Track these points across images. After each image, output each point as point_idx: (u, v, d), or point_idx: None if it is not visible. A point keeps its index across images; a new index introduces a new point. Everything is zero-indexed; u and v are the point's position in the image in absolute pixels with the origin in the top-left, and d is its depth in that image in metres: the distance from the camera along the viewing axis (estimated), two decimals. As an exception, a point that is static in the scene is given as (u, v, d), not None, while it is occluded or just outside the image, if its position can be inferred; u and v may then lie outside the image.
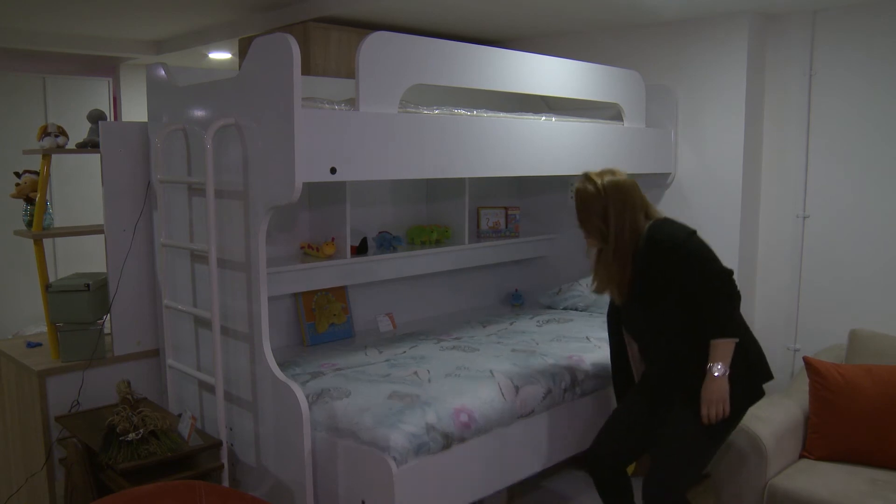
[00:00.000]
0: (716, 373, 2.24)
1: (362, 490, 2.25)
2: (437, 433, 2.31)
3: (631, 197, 2.36)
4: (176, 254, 2.77)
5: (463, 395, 2.50)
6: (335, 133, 2.21)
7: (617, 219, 2.34)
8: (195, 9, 3.81)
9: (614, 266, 2.36)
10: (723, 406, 2.26)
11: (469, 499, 2.45)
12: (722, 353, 2.25)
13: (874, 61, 3.18)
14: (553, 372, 2.81)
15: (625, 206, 2.34)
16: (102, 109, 3.30)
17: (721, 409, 2.26)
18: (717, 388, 2.24)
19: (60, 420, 2.70)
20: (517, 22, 3.73)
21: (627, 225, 2.34)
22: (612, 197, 2.34)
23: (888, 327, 3.13)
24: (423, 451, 2.26)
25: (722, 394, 2.25)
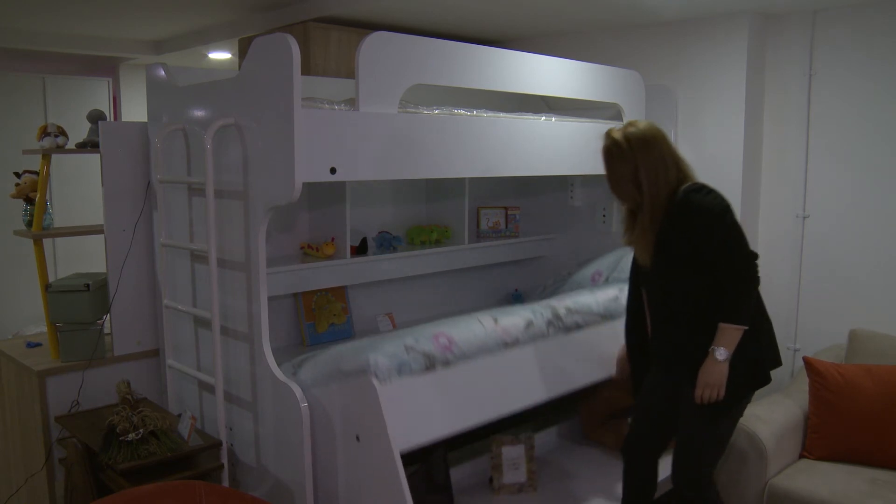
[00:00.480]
0: (718, 357, 2.18)
1: (354, 424, 2.24)
2: (416, 353, 2.31)
3: (661, 152, 2.23)
4: (176, 254, 2.77)
5: (440, 326, 2.52)
6: (335, 133, 2.21)
7: (650, 181, 2.22)
8: (195, 9, 3.81)
9: (650, 232, 2.25)
10: (717, 391, 2.20)
11: (461, 425, 2.42)
12: (728, 339, 2.18)
13: (874, 61, 3.18)
14: (533, 308, 2.80)
15: (657, 165, 2.22)
16: (102, 109, 3.30)
17: (715, 393, 2.21)
18: (716, 371, 2.19)
19: (60, 420, 2.70)
20: (517, 22, 3.73)
21: (661, 185, 2.22)
22: (641, 157, 2.22)
23: (888, 327, 3.14)
24: (406, 371, 2.26)
25: (719, 378, 2.19)
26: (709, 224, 2.18)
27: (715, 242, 2.18)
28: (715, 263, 2.19)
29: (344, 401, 2.26)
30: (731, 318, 2.18)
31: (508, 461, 2.90)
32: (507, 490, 2.89)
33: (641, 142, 2.24)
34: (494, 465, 2.91)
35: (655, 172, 2.23)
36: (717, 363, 2.19)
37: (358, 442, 2.22)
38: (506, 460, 2.89)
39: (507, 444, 2.91)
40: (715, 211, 2.19)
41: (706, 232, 2.18)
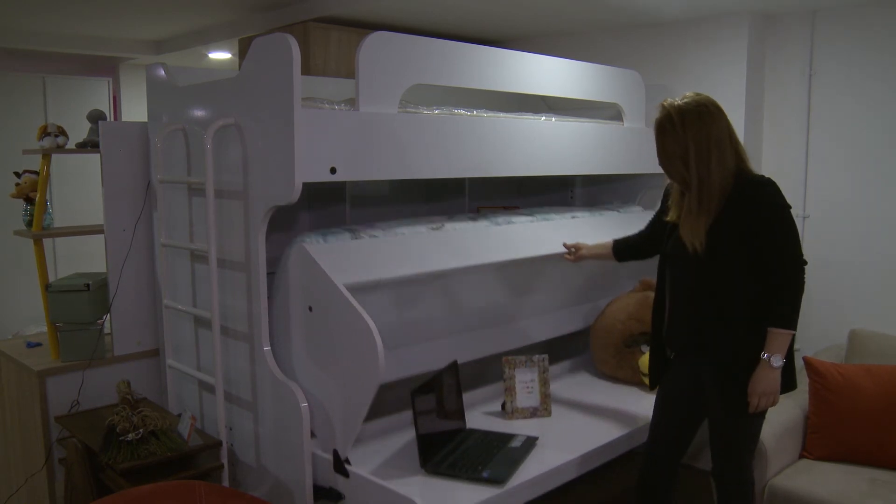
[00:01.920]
0: (774, 364, 2.11)
1: (308, 298, 2.30)
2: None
3: (717, 131, 2.13)
4: (176, 254, 2.77)
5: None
6: (335, 133, 2.21)
7: (699, 161, 2.12)
8: (195, 9, 3.81)
9: (701, 215, 2.16)
10: (773, 398, 2.15)
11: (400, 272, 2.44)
12: (781, 344, 2.11)
13: (874, 61, 3.18)
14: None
15: (709, 145, 2.12)
16: (102, 109, 3.30)
17: (771, 401, 2.16)
18: (771, 379, 2.13)
19: (60, 420, 2.70)
20: (517, 22, 3.73)
21: (714, 167, 2.12)
22: (693, 134, 2.12)
23: (888, 327, 3.14)
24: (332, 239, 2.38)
25: (774, 385, 2.14)
26: (774, 224, 2.12)
27: (776, 243, 2.12)
28: (770, 264, 2.12)
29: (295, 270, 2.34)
30: (784, 324, 2.11)
31: (522, 384, 2.83)
32: (520, 414, 2.81)
33: (696, 117, 2.13)
34: (507, 388, 2.83)
35: (708, 152, 2.13)
36: (773, 370, 2.13)
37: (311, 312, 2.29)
38: (519, 383, 2.82)
39: (520, 366, 2.84)
40: (784, 212, 2.14)
41: (770, 231, 2.12)
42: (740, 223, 2.13)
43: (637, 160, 3.37)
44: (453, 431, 2.58)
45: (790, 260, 2.12)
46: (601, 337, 3.21)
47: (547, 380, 2.86)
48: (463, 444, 2.51)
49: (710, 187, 2.14)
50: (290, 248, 2.36)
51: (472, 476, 2.28)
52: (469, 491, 2.22)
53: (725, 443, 2.31)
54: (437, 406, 2.50)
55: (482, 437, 2.58)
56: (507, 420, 2.80)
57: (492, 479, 2.26)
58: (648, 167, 3.47)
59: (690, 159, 2.13)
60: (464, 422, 2.68)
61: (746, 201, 2.13)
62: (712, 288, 2.21)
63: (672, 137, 2.16)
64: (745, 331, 2.17)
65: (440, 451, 2.43)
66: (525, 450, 2.49)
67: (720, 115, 2.16)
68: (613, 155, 3.21)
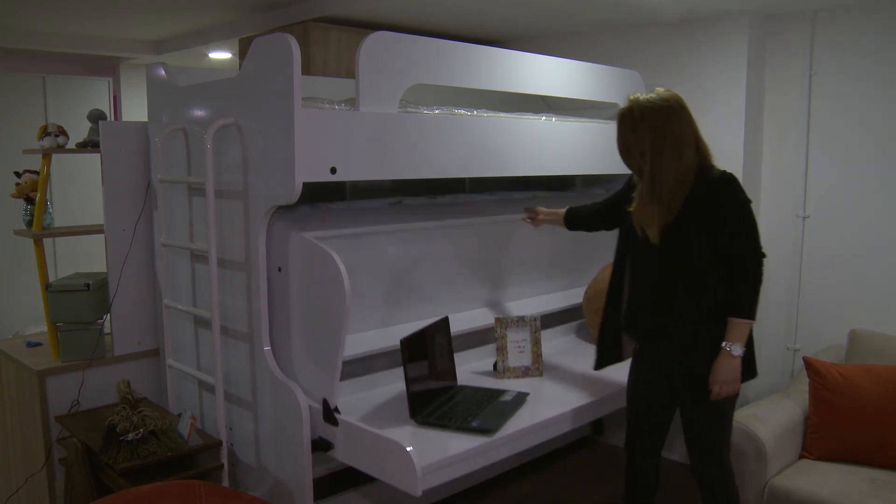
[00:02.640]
0: (735, 352, 2.19)
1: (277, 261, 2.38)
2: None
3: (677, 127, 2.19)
4: (176, 253, 2.77)
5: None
6: (335, 133, 2.21)
7: (654, 154, 2.20)
8: (195, 9, 3.81)
9: (652, 206, 2.23)
10: (734, 386, 2.23)
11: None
12: (741, 333, 2.20)
13: (874, 61, 3.18)
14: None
15: (666, 140, 2.19)
16: (102, 109, 3.30)
17: (732, 389, 2.23)
18: (733, 368, 2.21)
19: (60, 420, 2.70)
20: (517, 22, 3.73)
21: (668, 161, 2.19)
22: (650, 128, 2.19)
23: (888, 327, 3.14)
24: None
25: (735, 374, 2.21)
26: (735, 218, 2.21)
27: (737, 236, 2.20)
28: (730, 257, 2.20)
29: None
30: (744, 313, 2.19)
31: (513, 344, 2.85)
32: (512, 373, 2.83)
33: (656, 111, 2.20)
34: (499, 348, 2.85)
35: (662, 146, 2.19)
36: (733, 359, 2.20)
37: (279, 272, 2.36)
38: (511, 343, 2.83)
39: (511, 326, 2.86)
40: (744, 206, 2.23)
41: (730, 225, 2.20)
42: (702, 217, 2.21)
43: (637, 160, 3.36)
44: (444, 388, 2.61)
45: (750, 252, 2.21)
46: (594, 301, 3.21)
47: (539, 339, 2.87)
48: (453, 399, 2.54)
49: (662, 179, 2.21)
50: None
51: (461, 426, 2.30)
52: (458, 440, 2.25)
53: (697, 435, 2.36)
54: (427, 360, 2.53)
55: (472, 392, 2.61)
56: (499, 379, 2.81)
57: (481, 428, 2.28)
58: (648, 167, 3.47)
59: (646, 152, 2.21)
60: (455, 380, 2.70)
61: (708, 196, 2.21)
62: (674, 278, 2.27)
63: (630, 129, 2.25)
64: (706, 321, 2.24)
65: (430, 405, 2.45)
66: (515, 404, 2.52)
67: (683, 112, 2.23)
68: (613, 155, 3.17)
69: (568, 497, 3.29)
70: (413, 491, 2.00)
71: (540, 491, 3.34)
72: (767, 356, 3.61)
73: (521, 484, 3.39)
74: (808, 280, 3.45)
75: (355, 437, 2.18)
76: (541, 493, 3.32)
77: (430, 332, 2.56)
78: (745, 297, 2.19)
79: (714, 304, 2.23)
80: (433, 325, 2.60)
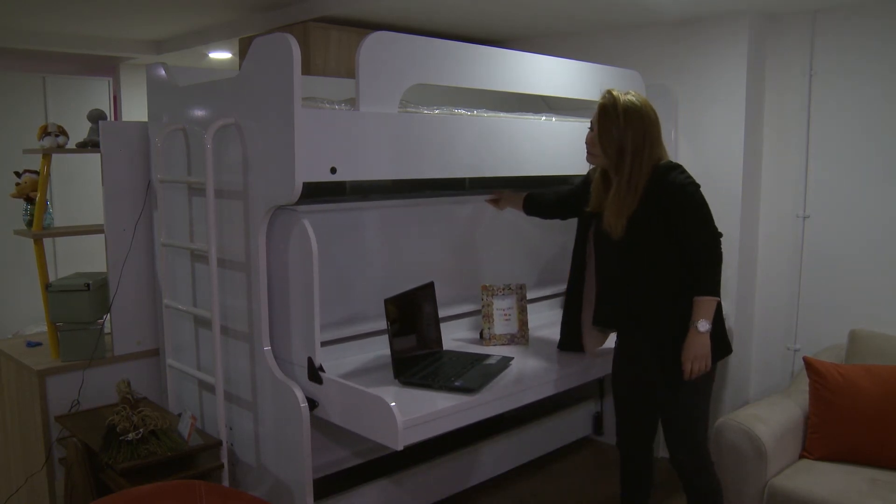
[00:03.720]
0: (701, 328, 2.27)
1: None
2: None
3: (651, 129, 2.33)
4: (176, 253, 2.77)
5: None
6: (335, 133, 2.21)
7: (635, 150, 2.31)
8: (195, 9, 3.81)
9: (628, 199, 2.32)
10: (705, 362, 2.29)
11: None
12: (707, 310, 2.28)
13: (874, 61, 3.18)
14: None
15: (645, 144, 2.31)
16: (102, 109, 3.30)
17: (703, 365, 2.29)
18: (700, 343, 2.28)
19: (60, 420, 2.70)
20: (517, 22, 3.73)
21: (645, 158, 2.31)
22: (633, 125, 2.31)
23: (888, 327, 3.13)
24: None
25: (704, 349, 2.28)
26: (686, 202, 2.29)
27: (691, 220, 2.30)
28: (687, 238, 2.30)
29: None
30: (707, 291, 2.29)
31: (499, 311, 2.88)
32: (497, 340, 2.86)
33: (637, 113, 2.32)
34: (485, 315, 2.87)
35: (641, 145, 2.31)
36: (700, 335, 2.28)
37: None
38: (496, 310, 2.86)
39: (497, 293, 2.88)
40: (693, 190, 2.31)
41: (683, 209, 2.30)
42: (657, 207, 2.31)
43: (637, 160, 3.36)
44: (429, 353, 2.64)
45: (706, 233, 2.30)
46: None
47: (525, 307, 2.89)
48: (438, 362, 2.57)
49: (639, 178, 2.32)
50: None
51: (444, 385, 2.34)
52: (441, 398, 2.28)
53: (673, 421, 2.42)
54: (413, 325, 2.56)
55: (457, 356, 2.65)
56: (485, 346, 2.84)
57: (464, 387, 2.32)
58: (648, 167, 3.47)
59: (626, 152, 2.31)
60: (441, 346, 2.74)
61: (660, 186, 2.31)
62: (639, 269, 2.37)
63: (615, 125, 2.32)
64: (671, 306, 2.33)
65: (414, 367, 2.49)
66: (500, 367, 2.56)
67: (657, 119, 2.38)
68: (613, 155, 3.20)
69: (568, 497, 3.29)
70: (395, 445, 2.05)
71: (540, 491, 3.34)
72: (767, 356, 3.61)
73: (521, 484, 3.40)
74: (808, 280, 3.45)
75: (339, 394, 2.23)
76: (541, 493, 3.32)
77: (415, 295, 2.60)
78: (705, 276, 2.29)
79: (677, 288, 2.32)
80: (418, 289, 2.63)
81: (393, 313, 2.42)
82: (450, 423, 2.22)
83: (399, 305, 2.47)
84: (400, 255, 2.90)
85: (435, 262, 2.98)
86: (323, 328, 2.41)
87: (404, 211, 2.96)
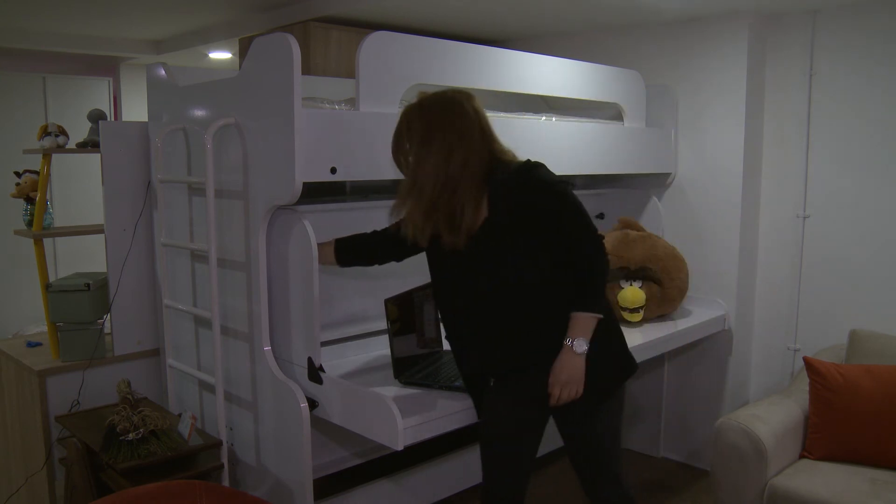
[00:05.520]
0: (577, 349, 1.93)
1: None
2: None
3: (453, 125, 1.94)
4: (176, 253, 2.77)
5: None
6: (335, 133, 2.21)
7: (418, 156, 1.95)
8: (195, 9, 3.81)
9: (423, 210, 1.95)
10: (576, 388, 1.96)
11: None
12: (584, 328, 1.94)
13: (874, 61, 3.18)
14: None
15: (435, 139, 1.94)
16: (102, 109, 3.30)
17: (574, 391, 1.96)
18: (574, 365, 1.94)
19: (60, 420, 2.70)
20: (517, 22, 3.73)
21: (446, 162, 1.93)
22: (415, 128, 1.97)
23: (888, 327, 3.14)
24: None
25: (577, 373, 1.94)
26: (558, 197, 1.96)
27: (567, 220, 1.96)
28: (564, 247, 1.96)
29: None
30: (587, 307, 1.96)
31: None
32: None
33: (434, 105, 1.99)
34: None
35: (428, 147, 1.95)
36: (576, 356, 1.94)
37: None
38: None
39: None
40: (561, 183, 1.99)
41: (555, 208, 1.95)
42: (524, 212, 1.97)
43: (637, 160, 3.37)
44: (429, 353, 2.64)
45: (589, 240, 1.98)
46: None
47: None
48: (438, 362, 2.57)
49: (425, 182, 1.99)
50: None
51: (444, 385, 2.34)
52: (441, 398, 2.27)
53: (584, 457, 2.15)
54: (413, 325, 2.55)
55: None
56: None
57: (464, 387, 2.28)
58: (649, 167, 3.48)
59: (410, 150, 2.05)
60: (441, 346, 2.72)
61: (520, 185, 1.98)
62: (509, 287, 1.99)
63: (400, 120, 2.05)
64: (551, 327, 1.99)
65: (415, 367, 2.49)
66: None
67: (460, 109, 2.03)
68: (614, 155, 3.21)
69: (568, 497, 3.29)
70: (395, 445, 2.04)
71: (540, 491, 3.34)
72: (767, 356, 3.61)
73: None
74: (808, 280, 3.45)
75: (339, 394, 2.23)
76: (540, 493, 3.32)
77: (415, 295, 2.59)
78: (587, 288, 1.96)
79: (548, 303, 1.98)
80: (418, 289, 2.62)
81: (393, 313, 2.41)
82: (450, 423, 2.21)
83: (399, 305, 2.47)
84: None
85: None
86: (323, 328, 2.41)
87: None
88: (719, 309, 3.44)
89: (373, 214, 2.81)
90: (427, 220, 1.98)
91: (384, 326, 2.50)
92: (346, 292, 2.77)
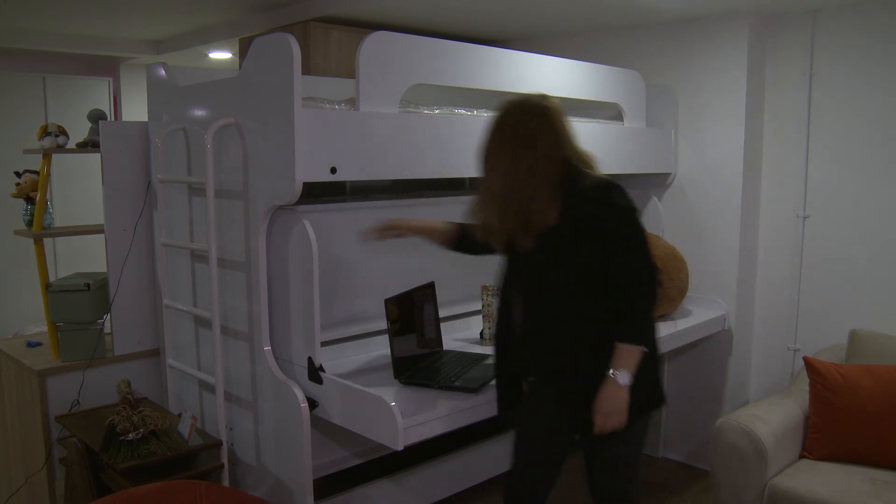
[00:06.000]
0: (621, 381, 1.95)
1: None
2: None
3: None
4: (176, 253, 2.77)
5: None
6: (335, 133, 2.21)
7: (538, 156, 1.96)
8: (195, 9, 3.81)
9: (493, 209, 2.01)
10: (619, 419, 1.98)
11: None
12: (628, 360, 1.95)
13: (874, 61, 3.18)
14: None
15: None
16: (102, 109, 3.30)
17: (617, 422, 1.99)
18: (618, 398, 1.96)
19: (60, 420, 2.70)
20: (517, 22, 3.73)
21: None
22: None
23: (888, 327, 3.14)
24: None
25: (621, 405, 1.97)
26: (623, 230, 1.98)
27: (624, 250, 1.97)
28: (619, 271, 1.97)
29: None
30: (630, 337, 1.97)
31: None
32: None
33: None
34: (486, 315, 2.87)
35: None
36: (619, 388, 1.96)
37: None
38: (497, 310, 2.83)
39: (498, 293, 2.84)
40: (631, 216, 1.99)
41: (618, 238, 1.98)
42: (583, 226, 2.00)
43: (637, 160, 3.37)
44: (429, 353, 2.65)
45: (643, 268, 1.99)
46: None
47: None
48: (438, 362, 2.58)
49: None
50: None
51: (444, 384, 2.34)
52: (441, 398, 2.27)
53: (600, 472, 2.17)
54: (413, 324, 2.56)
55: (457, 356, 2.65)
56: (485, 346, 2.84)
57: (464, 387, 2.31)
58: (649, 167, 3.48)
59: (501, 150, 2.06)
60: (441, 346, 2.74)
61: (584, 200, 2.00)
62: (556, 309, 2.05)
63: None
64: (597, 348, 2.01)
65: (415, 366, 2.49)
66: None
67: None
68: (614, 155, 3.21)
69: (567, 497, 3.29)
70: (395, 445, 2.04)
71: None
72: (767, 356, 3.61)
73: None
74: (808, 280, 3.45)
75: (339, 394, 2.23)
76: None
77: (415, 295, 2.59)
78: (635, 317, 1.98)
79: (598, 329, 2.00)
80: (418, 289, 2.63)
81: (393, 313, 2.42)
82: (450, 423, 2.22)
83: (399, 305, 2.47)
84: (400, 254, 2.90)
85: (435, 262, 2.98)
86: (323, 328, 2.41)
87: (404, 211, 2.95)
88: (719, 309, 3.45)
89: (373, 214, 2.81)
90: (502, 224, 2.02)
91: (384, 326, 2.50)
92: (346, 292, 2.77)
